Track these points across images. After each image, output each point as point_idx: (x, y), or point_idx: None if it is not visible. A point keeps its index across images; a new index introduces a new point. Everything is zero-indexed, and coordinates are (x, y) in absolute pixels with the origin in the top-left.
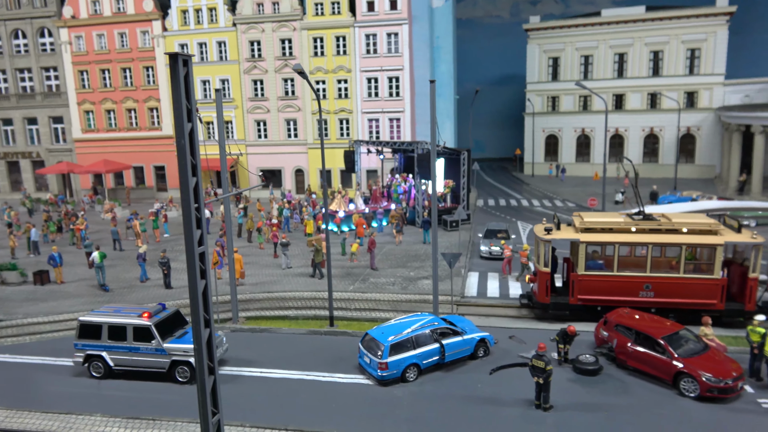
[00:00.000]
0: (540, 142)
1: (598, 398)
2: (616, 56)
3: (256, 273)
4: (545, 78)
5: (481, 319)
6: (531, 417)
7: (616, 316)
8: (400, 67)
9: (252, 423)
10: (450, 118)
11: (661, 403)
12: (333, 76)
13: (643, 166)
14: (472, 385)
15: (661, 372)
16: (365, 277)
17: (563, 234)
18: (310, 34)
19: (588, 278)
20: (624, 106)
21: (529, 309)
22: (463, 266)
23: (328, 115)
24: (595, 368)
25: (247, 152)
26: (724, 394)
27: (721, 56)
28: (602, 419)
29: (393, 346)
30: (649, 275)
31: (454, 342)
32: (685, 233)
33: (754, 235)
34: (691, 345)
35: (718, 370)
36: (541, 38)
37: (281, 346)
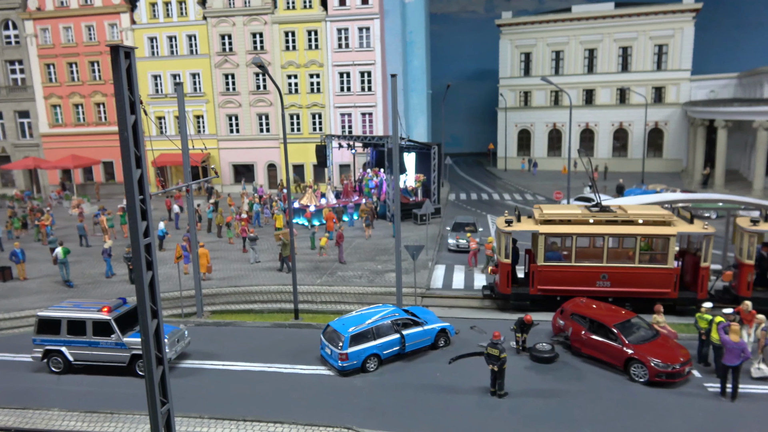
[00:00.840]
0: (512, 137)
1: (552, 385)
2: (586, 52)
3: (224, 267)
4: (517, 73)
5: (445, 310)
6: (486, 404)
7: (572, 305)
8: (371, 62)
9: (210, 414)
10: (423, 113)
11: (612, 388)
12: (305, 70)
13: (612, 160)
14: (431, 374)
15: (613, 358)
16: (333, 270)
17: (523, 226)
18: (282, 28)
19: (547, 269)
20: (594, 101)
21: (492, 300)
22: (430, 259)
23: (301, 110)
24: (550, 356)
25: (219, 147)
26: (672, 378)
27: (687, 52)
28: (555, 404)
29: (353, 337)
30: (605, 265)
31: (415, 332)
32: (640, 224)
33: (706, 225)
34: (642, 332)
35: (666, 356)
36: (513, 34)
37: (245, 340)
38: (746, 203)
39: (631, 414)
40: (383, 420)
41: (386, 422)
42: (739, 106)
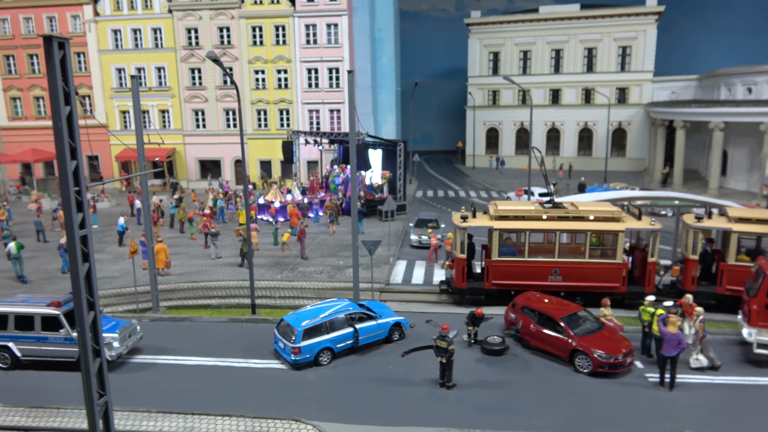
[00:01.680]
0: (481, 135)
1: (501, 376)
2: (553, 52)
3: (185, 263)
4: (486, 72)
5: (402, 305)
6: (435, 395)
7: (522, 299)
8: (339, 58)
9: (159, 408)
10: (392, 110)
11: (558, 379)
12: (273, 66)
13: (578, 159)
14: (383, 367)
15: (559, 350)
16: (294, 266)
17: (478, 222)
18: (249, 22)
19: (501, 264)
20: (560, 101)
21: (449, 294)
22: (392, 255)
23: (268, 106)
24: (500, 348)
25: (185, 142)
26: (614, 369)
27: (650, 54)
28: (501, 395)
29: (306, 331)
30: (557, 260)
31: (368, 326)
32: (591, 221)
33: (653, 222)
34: (588, 325)
35: (609, 348)
36: (481, 33)
37: (200, 335)
38: (693, 201)
39: (574, 403)
40: (333, 412)
41: (336, 414)
42: (696, 107)
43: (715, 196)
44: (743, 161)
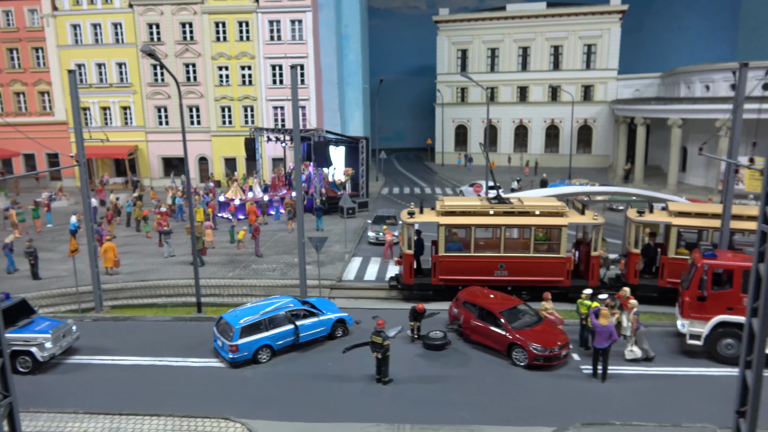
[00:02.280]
0: (450, 132)
1: (439, 371)
2: (520, 50)
3: (137, 262)
4: (454, 69)
5: (352, 302)
6: (370, 390)
7: (465, 293)
8: (304, 55)
9: (86, 409)
10: (359, 107)
11: (494, 373)
12: (236, 62)
13: (545, 156)
14: (323, 363)
15: (498, 344)
16: (248, 263)
17: (425, 217)
18: (212, 18)
19: (448, 259)
20: (528, 99)
21: (398, 290)
22: (348, 252)
23: (232, 102)
24: (442, 343)
25: (148, 140)
26: (550, 362)
27: (614, 52)
28: (437, 389)
29: (244, 329)
30: (502, 255)
31: (310, 323)
32: (535, 215)
33: (595, 216)
34: (526, 318)
35: (545, 341)
36: (450, 30)
37: (142, 334)
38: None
39: (507, 396)
40: (266, 410)
41: (268, 411)
42: (656, 104)
43: (673, 191)
44: (701, 157)
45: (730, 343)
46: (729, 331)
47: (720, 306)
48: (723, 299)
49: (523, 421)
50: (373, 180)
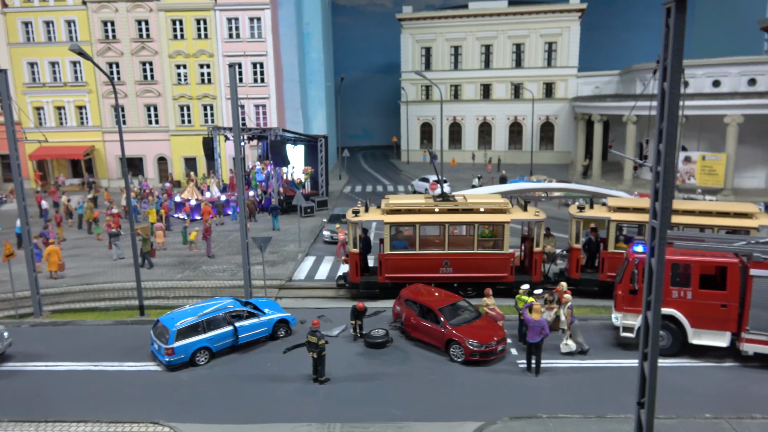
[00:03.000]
0: (415, 130)
1: (377, 368)
2: (483, 48)
3: (84, 265)
4: (418, 67)
5: (299, 301)
6: (306, 390)
7: (406, 291)
8: (263, 53)
9: (10, 417)
10: (322, 105)
11: (432, 369)
12: (194, 60)
13: (509, 153)
14: (262, 364)
15: (437, 340)
16: (198, 264)
17: (370, 216)
18: (168, 15)
19: (393, 257)
20: (491, 96)
21: (347, 289)
22: (302, 251)
23: (191, 101)
24: (382, 341)
25: (105, 140)
26: (486, 357)
27: (574, 50)
28: (372, 387)
29: (180, 332)
30: (447, 252)
31: (250, 324)
32: (479, 212)
33: (537, 212)
34: (466, 314)
35: (482, 336)
36: (413, 28)
37: (80, 339)
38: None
39: (442, 392)
40: (197, 412)
41: (199, 414)
42: (611, 101)
43: (629, 187)
44: None
45: (661, 334)
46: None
47: None
48: None
49: (452, 416)
50: (336, 178)
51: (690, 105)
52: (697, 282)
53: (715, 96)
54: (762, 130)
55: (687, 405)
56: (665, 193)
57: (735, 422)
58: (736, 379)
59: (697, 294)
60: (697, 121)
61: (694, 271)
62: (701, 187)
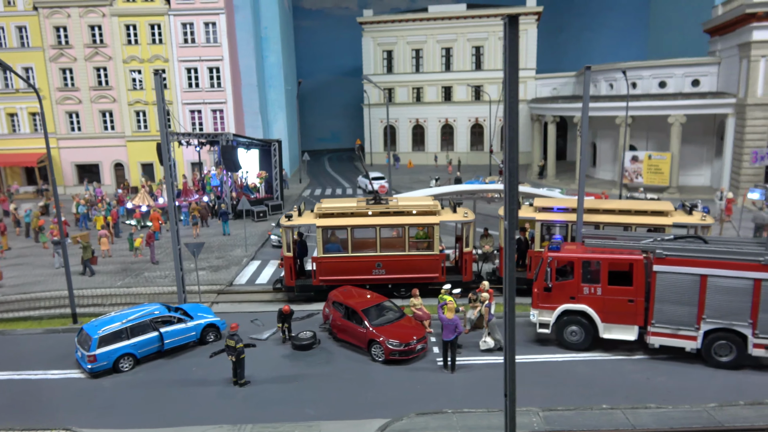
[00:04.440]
0: (378, 133)
1: (301, 370)
2: (444, 50)
3: (26, 273)
4: (381, 70)
5: (236, 306)
6: (225, 393)
7: (334, 293)
8: (219, 57)
9: None
10: (282, 109)
11: (353, 369)
12: (149, 65)
13: (471, 154)
14: (187, 369)
15: (360, 341)
16: (141, 271)
17: (303, 220)
18: (122, 21)
19: (326, 260)
20: (452, 98)
21: (284, 293)
22: (248, 255)
23: (147, 107)
24: (309, 343)
25: (60, 146)
26: (406, 356)
27: (532, 52)
28: (291, 389)
29: (102, 339)
30: (379, 254)
31: (176, 329)
32: (409, 215)
33: (465, 214)
34: (389, 315)
35: (401, 336)
36: (374, 31)
37: (8, 348)
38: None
39: (359, 391)
40: (112, 418)
41: (114, 420)
42: (562, 103)
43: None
44: (608, 152)
45: (574, 330)
46: (573, 318)
47: (564, 296)
48: (566, 289)
49: (365, 414)
50: (297, 182)
51: (637, 106)
52: (606, 278)
53: (660, 97)
54: (706, 130)
55: (591, 396)
56: (510, 195)
57: (629, 412)
58: (641, 371)
59: (606, 290)
60: (645, 121)
61: (602, 268)
62: (643, 186)
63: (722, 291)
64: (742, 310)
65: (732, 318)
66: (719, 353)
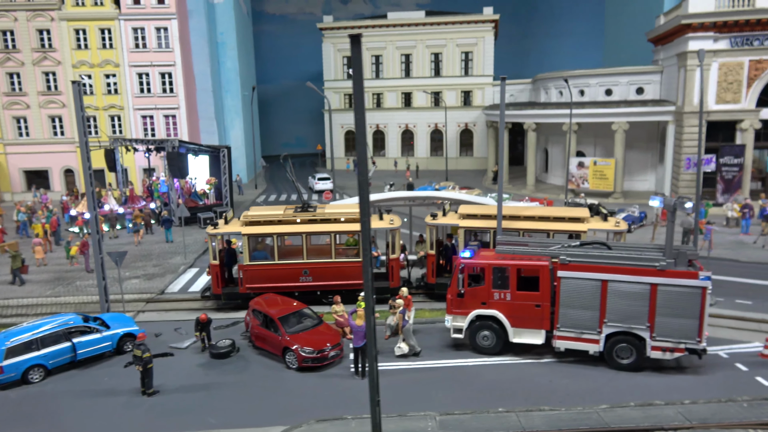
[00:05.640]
0: (339, 138)
1: (213, 378)
2: (403, 57)
3: None
4: (341, 76)
5: (162, 314)
6: (131, 403)
7: (254, 301)
8: (171, 63)
9: None
10: (239, 115)
11: (267, 376)
12: (99, 70)
13: (431, 159)
14: (98, 379)
15: (275, 348)
16: (73, 280)
17: (228, 228)
18: (71, 25)
19: (253, 268)
20: (412, 104)
21: (213, 301)
22: (186, 263)
23: (97, 112)
24: (226, 351)
25: (7, 152)
26: (320, 362)
27: (489, 59)
28: (199, 398)
29: (10, 350)
30: (306, 262)
31: (91, 339)
32: (337, 222)
33: (392, 221)
34: (306, 322)
35: (315, 343)
36: (334, 37)
37: None
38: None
39: (267, 398)
40: (13, 431)
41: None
42: (514, 109)
43: (532, 191)
44: (559, 158)
45: (486, 334)
46: (484, 323)
47: (476, 301)
48: (478, 295)
49: (266, 422)
50: (252, 188)
51: (582, 113)
52: (514, 284)
53: (604, 104)
54: (650, 137)
55: (491, 400)
56: (363, 209)
57: (523, 414)
58: (545, 374)
59: (515, 295)
60: (592, 128)
61: (511, 274)
62: (589, 191)
63: (622, 295)
64: (641, 313)
65: (631, 321)
66: (620, 356)
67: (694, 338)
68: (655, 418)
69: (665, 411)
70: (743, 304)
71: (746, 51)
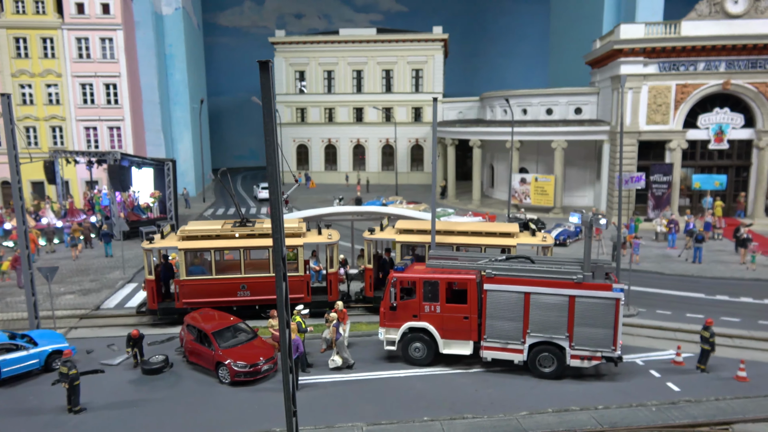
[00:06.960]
0: (291, 152)
1: (144, 395)
2: (355, 73)
3: None
4: (293, 90)
5: (95, 330)
6: (56, 422)
7: (188, 316)
8: (116, 74)
9: None
10: (188, 127)
11: (198, 392)
12: (41, 80)
13: (382, 174)
14: (24, 398)
15: (208, 363)
16: (4, 296)
17: (166, 243)
18: (11, 33)
19: (189, 283)
20: (363, 119)
21: (149, 317)
22: (125, 278)
23: (38, 122)
24: (159, 367)
25: None
26: (252, 377)
27: (438, 77)
28: (126, 415)
29: None
30: (244, 276)
31: (15, 357)
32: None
33: (330, 236)
34: (241, 336)
35: (248, 357)
36: (287, 52)
37: None
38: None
39: (195, 414)
40: None
41: None
42: (460, 127)
43: (477, 206)
44: (504, 174)
45: (418, 346)
46: (416, 335)
47: (408, 314)
48: (409, 308)
49: None
50: (200, 201)
51: (523, 131)
52: (444, 297)
53: (544, 123)
54: (588, 154)
55: (418, 410)
56: (275, 226)
57: (447, 423)
58: (472, 384)
59: (444, 308)
60: (534, 145)
61: (440, 287)
62: (531, 206)
63: (543, 307)
64: (560, 324)
65: (552, 332)
66: (543, 364)
67: (610, 347)
68: (569, 423)
69: (579, 416)
70: (663, 314)
71: (673, 75)
